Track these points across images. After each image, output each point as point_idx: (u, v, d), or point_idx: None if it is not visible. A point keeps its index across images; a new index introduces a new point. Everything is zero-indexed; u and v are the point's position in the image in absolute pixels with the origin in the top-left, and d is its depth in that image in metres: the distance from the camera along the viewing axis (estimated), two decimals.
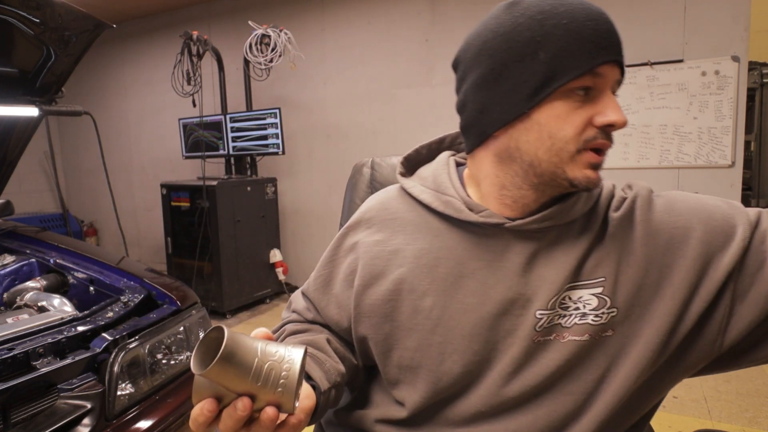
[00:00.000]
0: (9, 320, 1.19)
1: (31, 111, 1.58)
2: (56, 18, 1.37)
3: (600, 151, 0.54)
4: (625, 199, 0.61)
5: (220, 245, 3.25)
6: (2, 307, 1.43)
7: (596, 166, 0.55)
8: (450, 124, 3.14)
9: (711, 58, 2.69)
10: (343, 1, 3.67)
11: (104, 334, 1.17)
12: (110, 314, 1.24)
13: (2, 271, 1.51)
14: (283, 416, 0.48)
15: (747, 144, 2.88)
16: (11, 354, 0.99)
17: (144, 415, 1.16)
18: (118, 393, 1.13)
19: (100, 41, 1.66)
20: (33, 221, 4.34)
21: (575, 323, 0.56)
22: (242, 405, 0.44)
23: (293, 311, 0.77)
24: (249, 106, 3.74)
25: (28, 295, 1.37)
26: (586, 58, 0.51)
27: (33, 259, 1.57)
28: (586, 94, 0.53)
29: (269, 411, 0.45)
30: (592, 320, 0.56)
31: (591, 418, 0.57)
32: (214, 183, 3.24)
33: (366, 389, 0.72)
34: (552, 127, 0.54)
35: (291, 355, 0.46)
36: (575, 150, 0.54)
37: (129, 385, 1.17)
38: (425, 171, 0.68)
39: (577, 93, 0.53)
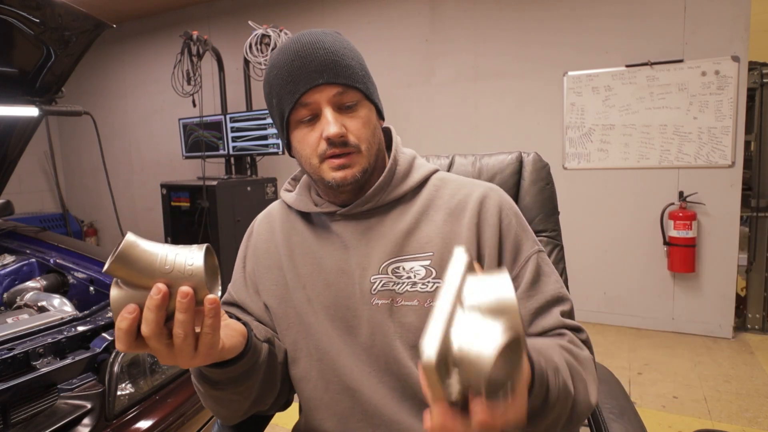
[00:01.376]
0: (9, 320, 1.19)
1: (31, 111, 1.58)
2: (56, 18, 1.36)
3: (339, 156, 0.67)
4: (465, 193, 0.74)
5: (220, 245, 3.25)
6: (2, 307, 1.43)
7: (340, 168, 0.68)
8: (449, 123, 3.13)
9: (711, 58, 2.69)
10: (343, 1, 3.68)
11: (104, 334, 1.17)
12: (110, 314, 1.24)
13: (2, 271, 1.51)
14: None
15: (747, 144, 2.87)
16: (11, 354, 1.00)
17: (144, 415, 1.16)
18: (118, 393, 1.13)
19: (100, 41, 1.66)
20: (33, 221, 4.34)
21: (407, 290, 0.68)
22: (156, 289, 0.45)
23: None
24: (249, 106, 3.74)
25: (28, 295, 1.37)
26: (289, 96, 0.67)
27: (33, 259, 1.57)
28: (311, 120, 0.68)
29: (182, 288, 0.45)
30: (420, 288, 0.68)
31: None
32: (214, 183, 3.24)
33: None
34: (298, 149, 0.71)
35: (194, 246, 0.47)
36: (318, 162, 0.69)
37: (129, 385, 1.17)
38: (299, 183, 0.83)
39: (302, 122, 0.68)
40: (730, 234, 2.77)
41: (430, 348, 0.36)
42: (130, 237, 0.45)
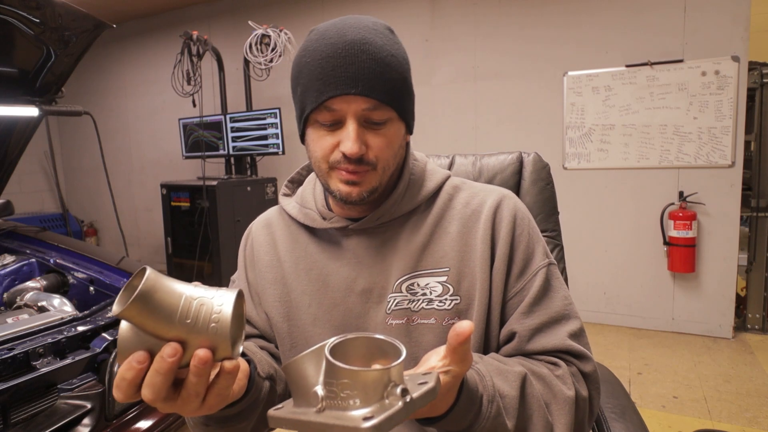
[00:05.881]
0: (9, 320, 1.19)
1: (31, 111, 1.58)
2: (56, 18, 1.36)
3: (351, 171, 0.61)
4: (479, 200, 0.69)
5: (220, 245, 3.25)
6: (2, 307, 1.43)
7: (349, 183, 0.62)
8: (449, 123, 3.13)
9: (711, 58, 2.69)
10: (343, 2, 3.68)
11: (104, 334, 1.17)
12: (110, 314, 1.24)
13: (2, 271, 1.51)
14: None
15: (747, 144, 2.87)
16: (11, 354, 0.99)
17: (144, 415, 1.16)
18: None
19: (100, 41, 1.66)
20: (33, 221, 4.34)
21: (422, 308, 0.64)
22: (170, 350, 0.38)
23: None
24: (249, 106, 3.74)
25: (28, 295, 1.37)
26: (316, 94, 0.59)
27: (33, 259, 1.57)
28: (331, 124, 0.61)
29: (200, 352, 0.39)
30: (437, 306, 0.64)
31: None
32: (214, 183, 3.24)
33: None
34: (311, 148, 0.64)
35: (222, 293, 0.41)
36: (327, 168, 0.63)
37: None
38: (301, 189, 0.77)
39: (321, 123, 0.61)
40: (730, 234, 2.77)
41: None
42: (150, 276, 0.38)
